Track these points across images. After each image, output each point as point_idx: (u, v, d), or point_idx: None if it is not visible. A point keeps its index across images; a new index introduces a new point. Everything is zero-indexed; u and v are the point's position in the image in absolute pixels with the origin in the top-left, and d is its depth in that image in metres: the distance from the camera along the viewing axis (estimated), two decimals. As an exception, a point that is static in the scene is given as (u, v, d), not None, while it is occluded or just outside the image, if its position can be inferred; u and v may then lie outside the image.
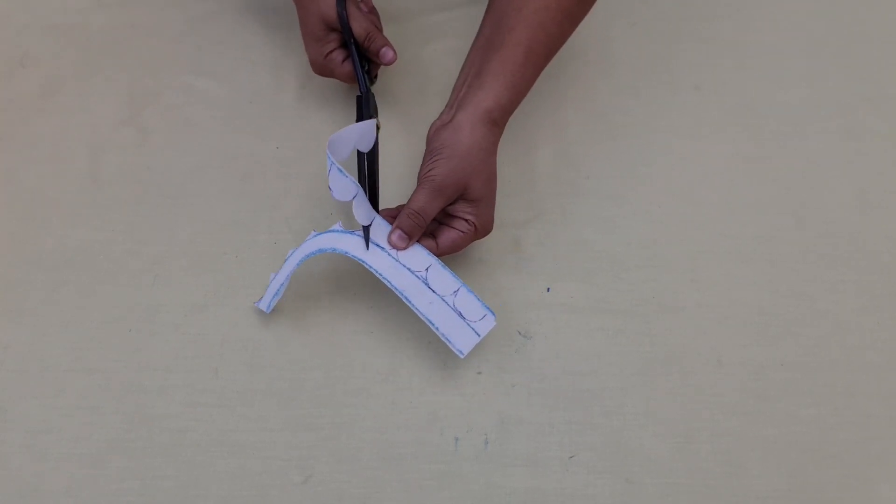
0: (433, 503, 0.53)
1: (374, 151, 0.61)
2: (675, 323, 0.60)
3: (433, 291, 0.55)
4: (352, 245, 0.57)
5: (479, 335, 0.55)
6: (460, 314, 0.55)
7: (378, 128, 0.61)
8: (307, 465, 0.54)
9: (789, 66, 0.75)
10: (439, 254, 0.57)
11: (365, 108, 0.63)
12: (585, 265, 0.63)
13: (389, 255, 0.56)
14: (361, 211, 0.56)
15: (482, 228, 0.57)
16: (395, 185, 0.65)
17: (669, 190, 0.67)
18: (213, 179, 0.67)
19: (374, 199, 0.60)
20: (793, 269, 0.63)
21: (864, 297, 0.62)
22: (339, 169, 0.55)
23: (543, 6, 0.56)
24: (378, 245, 0.56)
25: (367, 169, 0.61)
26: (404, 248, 0.56)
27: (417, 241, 0.57)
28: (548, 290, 0.62)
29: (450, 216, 0.57)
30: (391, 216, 0.57)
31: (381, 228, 0.57)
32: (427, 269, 0.56)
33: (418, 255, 0.56)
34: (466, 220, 0.56)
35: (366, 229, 0.56)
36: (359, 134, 0.60)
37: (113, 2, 0.78)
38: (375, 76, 0.69)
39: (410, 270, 0.56)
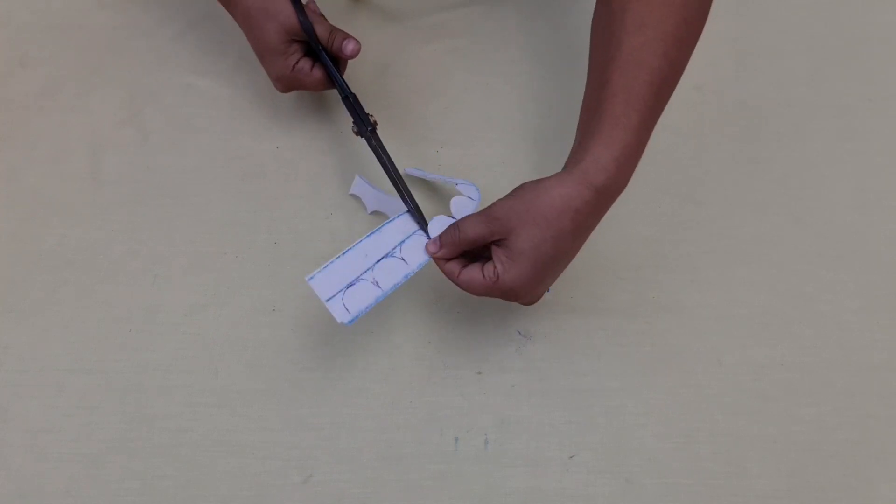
0: (433, 503, 0.53)
1: (388, 156, 0.60)
2: (675, 323, 0.60)
3: (376, 262, 0.54)
4: (412, 219, 0.57)
5: (326, 301, 0.51)
6: (350, 284, 0.52)
7: (375, 124, 0.61)
8: (307, 465, 0.54)
9: (789, 66, 0.75)
10: (457, 283, 0.52)
11: (360, 110, 0.61)
12: (585, 265, 0.63)
13: (412, 230, 0.56)
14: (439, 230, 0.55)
15: (505, 286, 0.49)
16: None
17: (670, 190, 0.67)
18: (213, 179, 0.67)
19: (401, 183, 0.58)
20: (793, 269, 0.63)
21: (864, 297, 0.62)
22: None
23: (640, 43, 0.49)
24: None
25: (395, 174, 0.59)
26: (433, 254, 0.53)
27: (452, 259, 0.53)
28: (548, 290, 0.61)
29: (488, 258, 0.51)
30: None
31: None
32: (400, 259, 0.54)
33: (416, 254, 0.55)
34: (494, 267, 0.50)
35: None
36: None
37: (113, 2, 0.78)
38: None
39: (400, 245, 0.55)
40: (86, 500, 0.53)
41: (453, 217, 0.55)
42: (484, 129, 0.70)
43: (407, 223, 0.56)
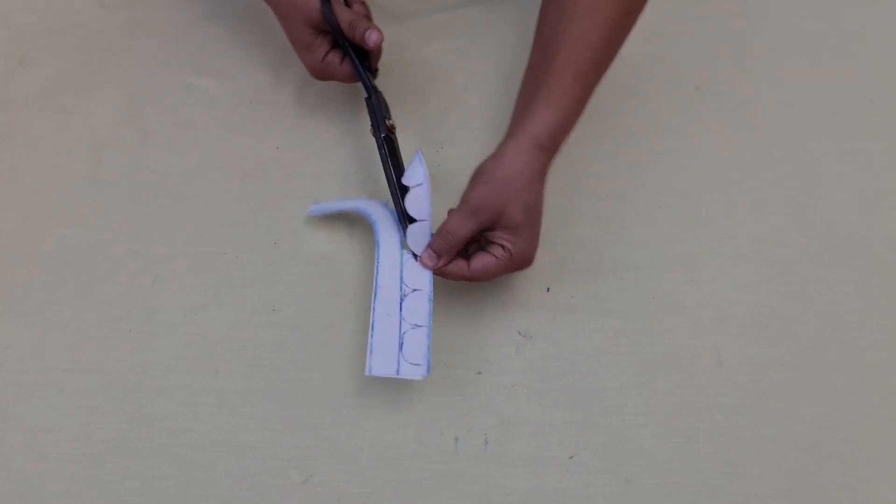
0: (433, 503, 0.53)
1: (398, 162, 0.60)
2: (675, 323, 0.60)
3: (399, 310, 0.55)
4: (387, 235, 0.58)
5: (398, 373, 0.53)
6: (401, 345, 0.54)
7: (394, 128, 0.61)
8: (307, 465, 0.54)
9: (789, 66, 0.75)
10: (470, 278, 0.55)
11: (378, 111, 0.61)
12: (585, 265, 0.63)
13: (400, 257, 0.56)
14: (418, 237, 0.56)
15: (519, 257, 0.54)
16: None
17: (669, 190, 0.67)
18: (213, 179, 0.67)
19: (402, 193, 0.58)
20: (793, 269, 0.63)
21: (863, 297, 0.62)
22: (427, 188, 0.57)
23: (588, 25, 0.55)
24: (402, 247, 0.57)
25: (398, 183, 0.59)
26: (433, 268, 0.56)
27: (450, 262, 0.55)
28: (548, 290, 0.62)
29: (489, 242, 0.55)
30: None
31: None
32: (413, 291, 0.56)
33: (420, 276, 0.56)
34: (503, 247, 0.54)
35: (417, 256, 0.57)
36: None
37: (113, 2, 0.78)
38: (377, 69, 0.68)
39: (402, 280, 0.56)
40: (86, 500, 0.53)
41: (414, 241, 0.56)
42: (484, 129, 0.70)
43: (389, 255, 0.57)
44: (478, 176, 0.54)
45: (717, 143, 0.70)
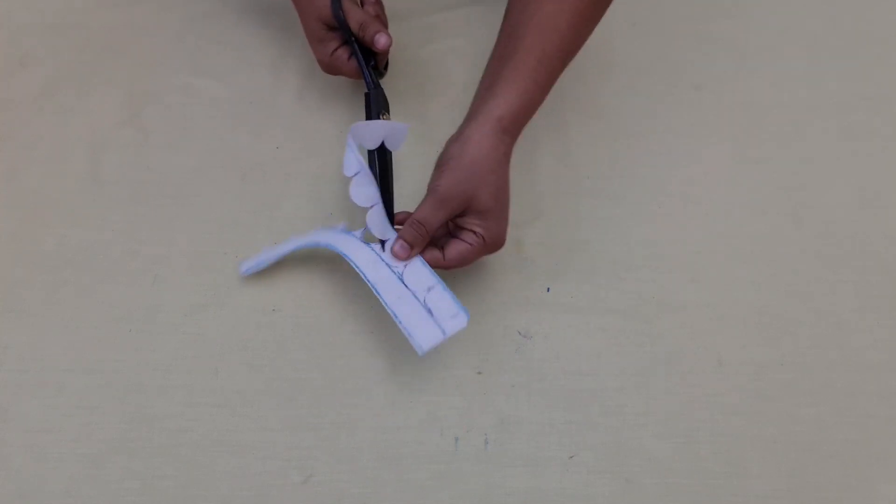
0: (433, 503, 0.53)
1: (389, 157, 0.60)
2: (675, 323, 0.60)
3: (405, 286, 0.54)
4: (346, 243, 0.57)
5: (444, 333, 0.52)
6: (429, 311, 0.53)
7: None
8: (307, 465, 0.54)
9: (789, 66, 0.75)
10: (446, 266, 0.56)
11: (374, 105, 0.62)
12: (585, 265, 0.63)
13: (373, 249, 0.56)
14: (377, 222, 0.56)
15: (492, 241, 0.55)
16: (397, 185, 0.64)
17: (669, 190, 0.67)
18: (213, 179, 0.67)
19: (388, 207, 0.58)
20: (793, 269, 0.63)
21: (863, 297, 0.62)
22: (366, 173, 0.56)
23: (556, 10, 0.55)
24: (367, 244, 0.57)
25: (381, 173, 0.59)
26: (406, 258, 0.55)
27: (421, 252, 0.56)
28: (548, 290, 0.62)
29: (460, 228, 0.55)
30: (399, 223, 0.57)
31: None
32: (405, 266, 0.55)
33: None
34: (475, 233, 0.54)
35: (382, 243, 0.57)
36: (390, 130, 0.59)
37: (113, 2, 0.78)
38: (385, 67, 0.68)
39: (388, 265, 0.55)
40: (86, 500, 0.53)
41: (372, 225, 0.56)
42: (484, 129, 0.69)
43: (362, 256, 0.56)
44: (444, 163, 0.54)
45: (717, 143, 0.70)
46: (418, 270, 0.55)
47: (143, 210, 0.65)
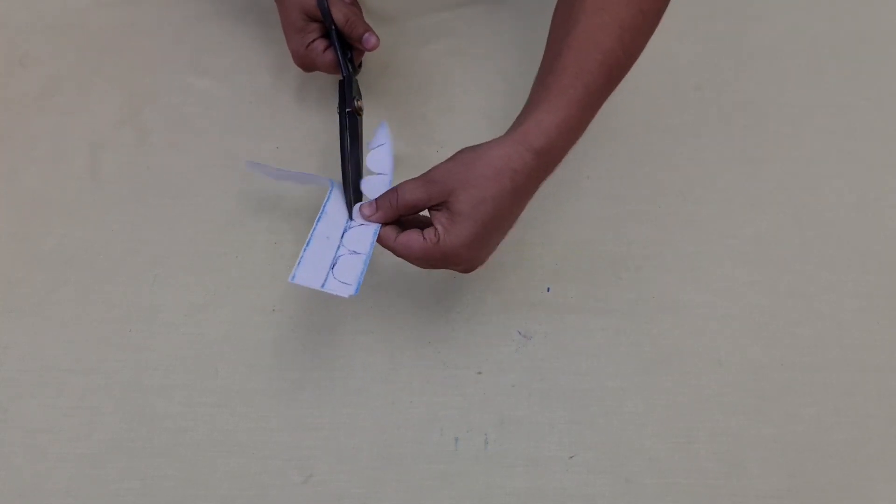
0: (433, 503, 0.53)
1: (357, 142, 0.60)
2: (675, 323, 0.60)
3: (340, 237, 0.53)
4: (337, 197, 0.57)
5: (323, 285, 0.50)
6: (333, 264, 0.52)
7: (361, 110, 0.61)
8: (307, 465, 0.54)
9: (789, 66, 0.75)
10: (392, 249, 0.52)
11: (347, 92, 0.61)
12: (585, 265, 0.63)
13: (346, 207, 0.56)
14: (376, 190, 0.55)
15: (447, 249, 0.49)
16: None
17: (669, 190, 0.67)
18: (213, 179, 0.67)
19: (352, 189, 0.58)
20: (792, 269, 0.63)
21: (863, 297, 0.62)
22: (389, 149, 0.58)
23: (594, 25, 0.51)
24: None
25: (351, 157, 0.58)
26: (368, 216, 0.53)
27: (385, 223, 0.53)
28: (548, 290, 0.62)
29: (427, 222, 0.51)
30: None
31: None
32: (361, 225, 0.54)
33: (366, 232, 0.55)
34: (435, 230, 0.49)
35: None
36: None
37: (113, 2, 0.78)
38: (360, 64, 0.68)
39: (347, 217, 0.55)
40: (86, 500, 0.53)
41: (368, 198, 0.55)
42: (484, 129, 0.69)
43: (338, 200, 0.56)
44: (455, 154, 0.51)
45: (717, 143, 0.70)
46: (362, 235, 0.53)
47: (142, 210, 0.65)
